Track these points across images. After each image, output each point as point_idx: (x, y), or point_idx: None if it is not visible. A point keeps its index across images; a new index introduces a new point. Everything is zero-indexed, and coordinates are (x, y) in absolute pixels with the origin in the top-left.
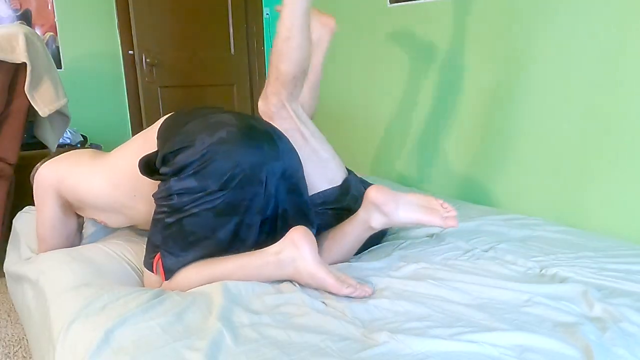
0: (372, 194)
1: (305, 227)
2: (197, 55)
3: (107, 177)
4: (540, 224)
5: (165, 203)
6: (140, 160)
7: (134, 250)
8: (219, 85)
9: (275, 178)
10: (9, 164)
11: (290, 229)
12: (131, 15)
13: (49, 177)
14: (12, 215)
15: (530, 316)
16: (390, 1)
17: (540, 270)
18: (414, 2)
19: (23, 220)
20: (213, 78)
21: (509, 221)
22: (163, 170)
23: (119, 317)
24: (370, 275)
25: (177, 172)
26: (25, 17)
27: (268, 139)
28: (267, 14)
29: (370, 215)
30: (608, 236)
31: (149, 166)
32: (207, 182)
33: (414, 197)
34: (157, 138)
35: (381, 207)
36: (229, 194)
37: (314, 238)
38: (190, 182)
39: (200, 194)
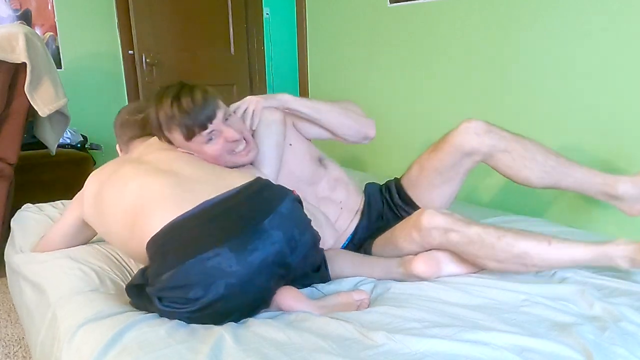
0: (420, 269)
1: (286, 287)
2: (197, 55)
3: (99, 225)
4: (540, 225)
5: (153, 303)
6: (127, 286)
7: None
8: (219, 85)
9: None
10: (9, 164)
11: (274, 297)
12: (131, 15)
13: (84, 193)
14: (13, 215)
15: (529, 316)
16: (390, 1)
17: (539, 270)
18: (414, 2)
19: (20, 219)
20: (213, 78)
21: (508, 223)
22: (153, 297)
23: (127, 322)
24: (370, 279)
25: (168, 308)
26: (25, 17)
27: (278, 261)
28: (267, 14)
29: (410, 279)
30: (608, 236)
31: (136, 288)
32: (198, 322)
33: (453, 254)
34: (146, 249)
35: (426, 279)
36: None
37: (297, 290)
38: (181, 317)
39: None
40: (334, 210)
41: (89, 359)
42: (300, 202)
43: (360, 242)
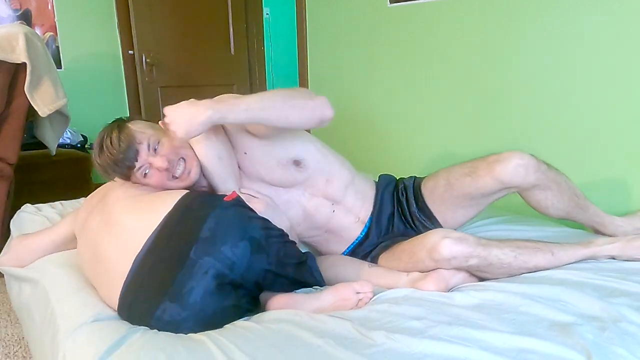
0: (430, 288)
1: (277, 294)
2: (197, 55)
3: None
4: (540, 224)
5: None
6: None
7: None
8: (219, 85)
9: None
10: (9, 164)
11: (267, 304)
12: (131, 15)
13: (79, 214)
14: (12, 215)
15: (528, 316)
16: (390, 1)
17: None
18: (414, 2)
19: (19, 220)
20: (213, 78)
21: (508, 222)
22: None
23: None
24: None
25: None
26: (25, 17)
27: (223, 283)
28: (267, 14)
29: None
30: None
31: None
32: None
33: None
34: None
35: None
36: None
37: (287, 296)
38: None
39: None
40: (324, 212)
41: (94, 358)
42: (237, 204)
43: (364, 255)
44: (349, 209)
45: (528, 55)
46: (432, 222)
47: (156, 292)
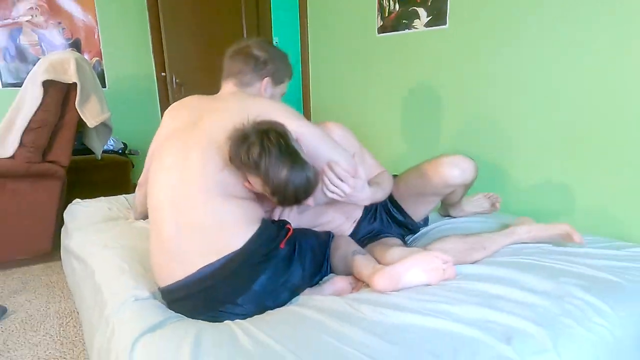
0: (379, 285)
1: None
2: (219, 77)
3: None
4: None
5: None
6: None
7: None
8: None
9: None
10: (62, 167)
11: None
12: (163, 42)
13: (160, 130)
14: (65, 208)
15: (492, 294)
16: (378, 32)
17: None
18: (396, 33)
19: (71, 211)
20: None
21: (493, 217)
22: None
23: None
24: None
25: None
26: (76, 45)
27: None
28: (276, 41)
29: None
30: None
31: None
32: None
33: (416, 261)
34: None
35: (386, 292)
36: None
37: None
38: None
39: None
40: (343, 227)
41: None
42: (288, 251)
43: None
44: (356, 218)
45: (502, 76)
46: (402, 215)
47: (192, 313)
